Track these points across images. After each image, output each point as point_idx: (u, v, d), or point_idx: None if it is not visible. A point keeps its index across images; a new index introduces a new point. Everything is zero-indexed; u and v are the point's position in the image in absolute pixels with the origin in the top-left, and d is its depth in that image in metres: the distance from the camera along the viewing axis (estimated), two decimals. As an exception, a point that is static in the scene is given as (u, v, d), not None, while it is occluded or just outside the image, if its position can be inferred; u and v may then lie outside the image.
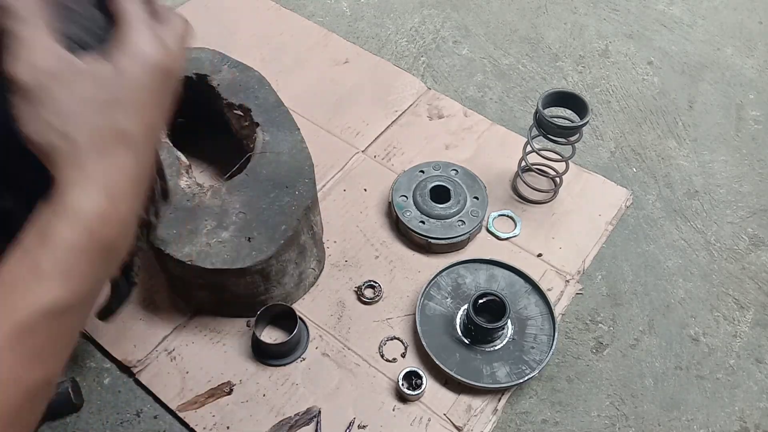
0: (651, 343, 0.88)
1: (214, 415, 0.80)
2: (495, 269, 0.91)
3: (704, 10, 1.32)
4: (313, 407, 0.81)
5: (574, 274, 0.93)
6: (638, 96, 1.17)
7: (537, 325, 0.86)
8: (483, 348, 0.84)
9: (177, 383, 0.82)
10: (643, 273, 0.95)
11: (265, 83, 0.90)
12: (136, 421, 0.81)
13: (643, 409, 0.83)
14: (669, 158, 1.08)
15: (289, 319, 0.84)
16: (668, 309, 0.91)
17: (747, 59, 1.23)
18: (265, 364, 0.84)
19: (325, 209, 0.97)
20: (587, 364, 0.86)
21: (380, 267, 0.93)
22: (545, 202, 1.00)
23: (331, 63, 1.18)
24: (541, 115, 0.88)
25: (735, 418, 0.83)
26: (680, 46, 1.25)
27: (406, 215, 0.94)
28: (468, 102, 1.14)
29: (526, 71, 1.20)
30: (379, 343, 0.86)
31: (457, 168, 0.99)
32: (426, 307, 0.88)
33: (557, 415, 0.82)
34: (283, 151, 0.84)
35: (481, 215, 0.94)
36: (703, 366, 0.87)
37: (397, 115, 1.11)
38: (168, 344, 0.85)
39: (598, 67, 1.21)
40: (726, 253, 0.97)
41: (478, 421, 0.80)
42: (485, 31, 1.27)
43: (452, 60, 1.21)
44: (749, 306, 0.92)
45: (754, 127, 1.13)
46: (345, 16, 1.28)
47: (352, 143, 1.06)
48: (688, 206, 1.02)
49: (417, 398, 0.81)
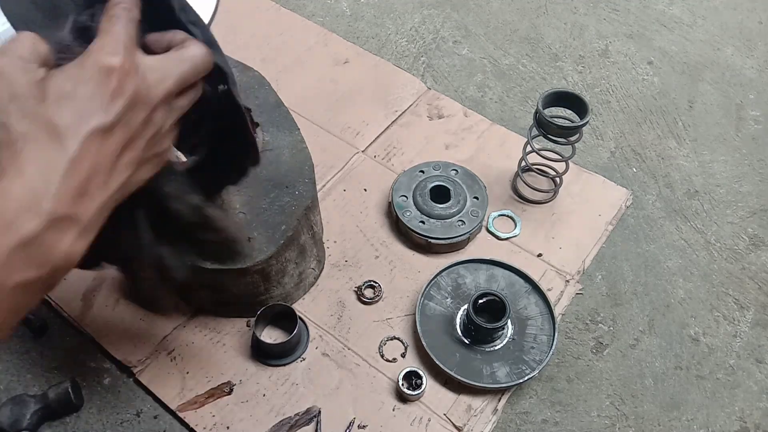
0: (651, 343, 0.88)
1: (214, 415, 0.80)
2: (495, 269, 0.91)
3: (704, 10, 1.32)
4: (313, 407, 0.81)
5: (574, 274, 0.93)
6: (638, 96, 1.17)
7: (537, 325, 0.86)
8: (483, 348, 0.84)
9: (177, 383, 0.82)
10: (643, 273, 0.95)
11: (265, 83, 0.90)
12: (136, 421, 0.81)
13: (643, 409, 0.83)
14: (669, 158, 1.08)
15: (289, 319, 0.84)
16: (668, 309, 0.91)
17: (747, 59, 1.23)
18: (265, 364, 0.84)
19: (325, 209, 0.97)
20: (587, 364, 0.86)
21: (380, 267, 0.93)
22: (545, 202, 1.00)
23: (331, 63, 1.18)
24: (541, 115, 0.88)
25: (735, 418, 0.83)
26: (680, 46, 1.25)
27: (406, 215, 0.94)
28: (468, 102, 1.14)
29: (526, 71, 1.20)
30: (379, 343, 0.86)
31: (457, 168, 0.99)
32: (426, 307, 0.88)
33: (557, 415, 0.82)
34: (283, 151, 0.84)
35: (481, 215, 0.94)
36: (703, 366, 0.87)
37: (397, 115, 1.11)
38: (168, 344, 0.85)
39: (598, 67, 1.21)
40: (726, 253, 0.97)
41: (478, 421, 0.80)
42: (485, 31, 1.27)
43: (452, 60, 1.21)
44: (749, 306, 0.92)
45: (754, 127, 1.13)
46: (345, 16, 1.28)
47: (352, 143, 1.06)
48: (688, 206, 1.02)
49: (417, 398, 0.81)
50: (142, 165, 0.47)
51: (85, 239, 0.44)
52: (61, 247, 0.42)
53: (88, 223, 0.43)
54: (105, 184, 0.44)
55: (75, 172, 0.42)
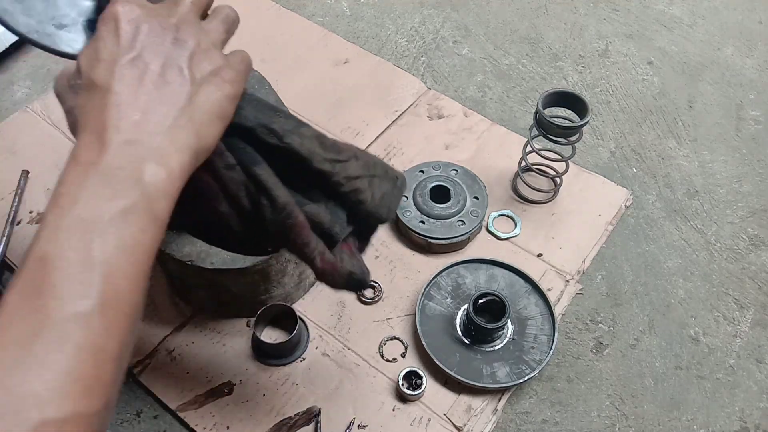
0: (651, 343, 0.88)
1: (214, 415, 0.80)
2: (495, 269, 0.91)
3: (704, 10, 1.32)
4: (313, 407, 0.81)
5: (574, 274, 0.93)
6: (638, 96, 1.17)
7: (537, 325, 0.86)
8: (483, 348, 0.84)
9: (177, 383, 0.82)
10: (643, 273, 0.95)
11: (265, 83, 0.90)
12: (136, 421, 0.81)
13: (643, 409, 0.83)
14: (669, 158, 1.08)
15: (289, 319, 0.84)
16: (668, 309, 0.91)
17: (747, 59, 1.23)
18: (265, 364, 0.84)
19: (325, 209, 0.97)
20: (587, 364, 0.86)
21: (380, 267, 0.93)
22: (545, 202, 1.00)
23: (331, 63, 1.18)
24: (541, 115, 0.88)
25: (735, 418, 0.83)
26: (680, 46, 1.25)
27: (406, 215, 0.94)
28: (468, 102, 1.14)
29: (526, 71, 1.20)
30: (379, 343, 0.86)
31: (457, 168, 0.99)
32: (426, 307, 0.88)
33: (557, 415, 0.82)
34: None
35: (481, 215, 0.94)
36: (703, 366, 0.87)
37: (397, 115, 1.11)
38: (168, 344, 0.85)
39: (598, 67, 1.21)
40: (726, 253, 0.97)
41: (478, 421, 0.80)
42: (485, 31, 1.27)
43: (452, 60, 1.21)
44: (749, 306, 0.92)
45: (754, 127, 1.13)
46: (345, 16, 1.28)
47: (352, 143, 1.06)
48: (688, 206, 1.02)
49: (417, 398, 0.81)
50: (202, 83, 0.47)
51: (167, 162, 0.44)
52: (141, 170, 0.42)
53: (161, 144, 0.44)
54: (162, 105, 0.45)
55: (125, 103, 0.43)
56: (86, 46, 0.46)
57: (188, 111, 0.45)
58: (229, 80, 0.48)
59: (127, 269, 0.41)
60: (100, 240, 0.40)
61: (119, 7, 0.46)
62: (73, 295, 0.38)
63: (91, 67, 0.44)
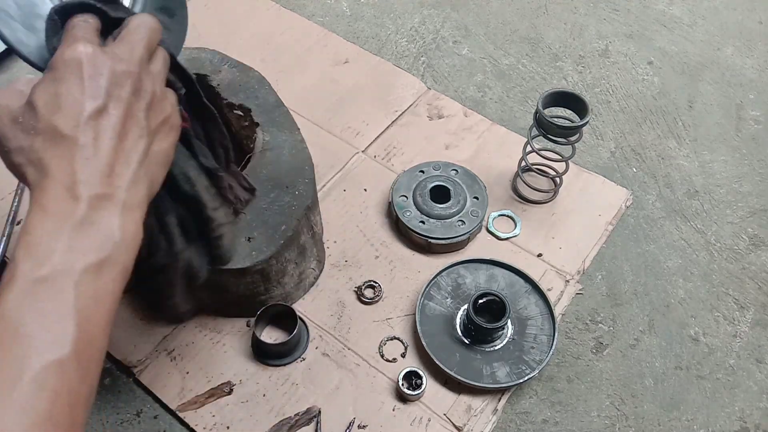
0: (651, 343, 0.88)
1: (214, 415, 0.80)
2: (495, 269, 0.91)
3: (704, 10, 1.32)
4: (313, 407, 0.81)
5: (574, 274, 0.93)
6: (638, 96, 1.17)
7: (537, 325, 0.86)
8: (483, 348, 0.84)
9: (177, 383, 0.82)
10: (643, 273, 0.95)
11: (265, 83, 0.90)
12: (136, 421, 0.81)
13: (643, 409, 0.83)
14: (669, 158, 1.08)
15: (289, 319, 0.84)
16: (668, 309, 0.91)
17: (747, 59, 1.23)
18: (265, 364, 0.84)
19: (325, 209, 0.97)
20: (587, 364, 0.86)
21: (380, 267, 0.93)
22: (545, 202, 1.00)
23: (331, 63, 1.18)
24: (541, 115, 0.88)
25: (735, 418, 0.83)
26: (680, 46, 1.25)
27: (406, 215, 0.94)
28: (468, 102, 1.14)
29: (526, 71, 1.20)
30: (379, 343, 0.86)
31: (457, 168, 1.00)
32: (426, 307, 0.88)
33: (557, 415, 0.82)
34: (283, 151, 0.84)
35: (481, 215, 0.94)
36: (703, 366, 0.87)
37: (397, 115, 1.11)
38: (168, 344, 0.85)
39: (598, 67, 1.21)
40: (726, 253, 0.97)
41: (478, 421, 0.80)
42: (485, 31, 1.27)
43: (452, 60, 1.21)
44: (749, 306, 0.92)
45: (754, 127, 1.13)
46: (345, 16, 1.28)
47: (352, 143, 1.06)
48: (688, 206, 1.02)
49: (417, 398, 0.81)
50: (155, 133, 0.49)
51: (133, 215, 0.46)
52: (112, 224, 0.44)
53: (127, 198, 0.46)
54: (127, 159, 0.46)
55: (93, 156, 0.44)
56: (44, 86, 0.45)
57: (145, 163, 0.48)
58: (175, 126, 0.52)
59: (99, 317, 0.43)
60: (76, 292, 0.42)
61: (81, 49, 0.46)
62: (50, 343, 0.40)
63: (52, 112, 0.44)
